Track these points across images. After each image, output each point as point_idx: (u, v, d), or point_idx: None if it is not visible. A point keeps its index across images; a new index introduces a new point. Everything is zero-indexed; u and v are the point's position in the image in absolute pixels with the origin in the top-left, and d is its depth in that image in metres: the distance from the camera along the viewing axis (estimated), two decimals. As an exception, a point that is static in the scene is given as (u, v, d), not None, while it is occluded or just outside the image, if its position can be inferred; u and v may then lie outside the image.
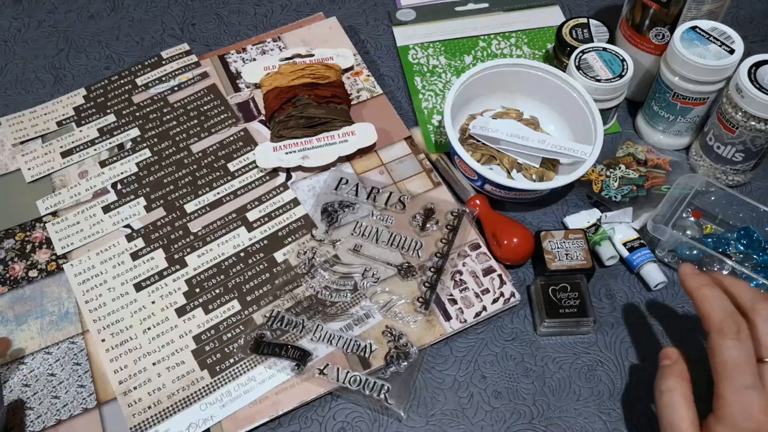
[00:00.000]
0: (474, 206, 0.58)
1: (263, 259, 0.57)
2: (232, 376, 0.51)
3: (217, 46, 0.73)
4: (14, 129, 0.66)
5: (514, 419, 0.50)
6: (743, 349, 0.40)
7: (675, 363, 0.44)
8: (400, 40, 0.72)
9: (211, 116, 0.66)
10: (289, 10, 0.76)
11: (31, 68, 0.72)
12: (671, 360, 0.44)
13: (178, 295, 0.55)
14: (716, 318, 0.41)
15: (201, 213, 0.60)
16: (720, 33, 0.56)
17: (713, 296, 0.42)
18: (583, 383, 0.51)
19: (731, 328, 0.40)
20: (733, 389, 0.39)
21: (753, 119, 0.54)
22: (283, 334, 0.52)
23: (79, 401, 0.51)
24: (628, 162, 0.61)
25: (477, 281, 0.55)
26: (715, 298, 0.42)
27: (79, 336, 0.54)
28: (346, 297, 0.54)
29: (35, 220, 0.60)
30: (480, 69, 0.61)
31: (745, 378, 0.39)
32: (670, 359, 0.44)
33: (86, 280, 0.56)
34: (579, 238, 0.55)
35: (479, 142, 0.61)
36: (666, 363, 0.44)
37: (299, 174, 0.62)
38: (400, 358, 0.51)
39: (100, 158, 0.64)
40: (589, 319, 0.52)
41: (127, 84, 0.69)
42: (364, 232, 0.57)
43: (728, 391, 0.39)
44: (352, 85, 0.67)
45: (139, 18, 0.76)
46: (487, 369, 0.52)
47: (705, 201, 0.58)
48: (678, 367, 0.44)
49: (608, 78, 0.59)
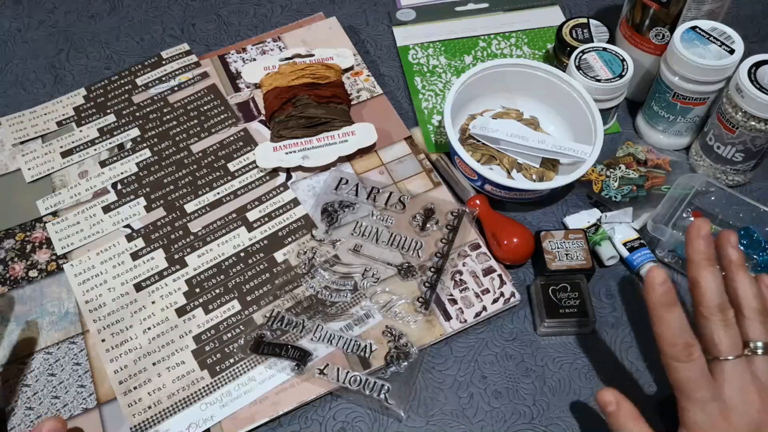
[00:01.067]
0: (474, 206, 0.58)
1: (263, 259, 0.57)
2: (232, 376, 0.51)
3: (217, 46, 0.73)
4: (14, 129, 0.66)
5: (514, 419, 0.50)
6: (695, 367, 0.41)
7: (620, 406, 0.43)
8: (400, 40, 0.72)
9: (211, 116, 0.66)
10: (289, 11, 0.76)
11: (31, 68, 0.72)
12: (614, 405, 0.43)
13: (178, 295, 0.55)
14: (668, 340, 0.41)
15: (201, 213, 0.60)
16: (720, 33, 0.56)
17: (670, 319, 0.42)
18: (583, 383, 0.51)
19: (682, 350, 0.41)
20: (693, 404, 0.41)
21: (753, 119, 0.54)
22: (283, 334, 0.52)
23: (79, 401, 0.51)
24: (628, 162, 0.61)
25: (477, 281, 0.55)
26: (671, 320, 0.41)
27: (79, 336, 0.54)
28: (346, 297, 0.54)
29: (35, 220, 0.60)
30: (480, 69, 0.61)
31: (701, 392, 0.41)
32: (612, 404, 0.43)
33: (86, 280, 0.56)
34: (579, 238, 0.55)
35: (479, 142, 0.61)
36: (611, 409, 0.43)
37: (299, 174, 0.62)
38: (400, 358, 0.51)
39: (100, 158, 0.64)
40: (589, 319, 0.52)
41: (127, 84, 0.69)
42: (364, 232, 0.57)
43: (689, 405, 0.41)
44: (352, 85, 0.67)
45: (139, 18, 0.76)
46: (487, 369, 0.52)
47: (705, 201, 0.58)
48: (625, 409, 0.43)
49: (608, 78, 0.59)
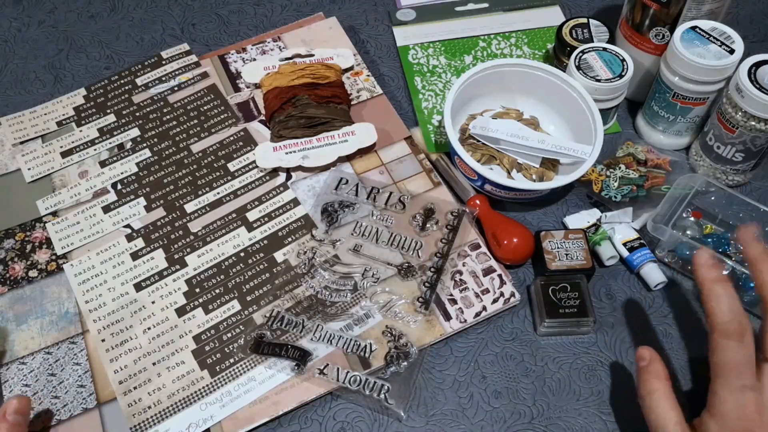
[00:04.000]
0: (474, 206, 0.58)
1: (263, 259, 0.57)
2: (232, 376, 0.51)
3: (217, 46, 0.73)
4: (14, 129, 0.66)
5: (514, 419, 0.50)
6: (745, 351, 0.40)
7: (651, 363, 0.44)
8: (400, 40, 0.72)
9: (211, 116, 0.66)
10: (289, 10, 0.76)
11: (31, 68, 0.72)
12: (646, 360, 0.44)
13: (178, 295, 0.55)
14: (722, 318, 0.41)
15: (201, 213, 0.60)
16: (720, 33, 0.56)
17: (723, 295, 0.41)
18: (583, 383, 0.51)
19: (736, 329, 0.40)
20: (730, 389, 0.40)
21: (753, 119, 0.54)
22: (283, 334, 0.52)
23: (79, 401, 0.51)
24: (628, 162, 0.61)
25: (477, 281, 0.55)
26: (724, 296, 0.41)
27: (79, 336, 0.54)
28: (346, 297, 0.54)
29: (35, 220, 0.60)
30: (480, 69, 0.61)
31: (742, 379, 0.40)
32: (644, 360, 0.44)
33: (86, 280, 0.56)
34: (579, 238, 0.55)
35: (479, 142, 0.61)
36: (642, 364, 0.45)
37: (299, 174, 0.62)
38: (400, 358, 0.51)
39: (100, 158, 0.64)
40: (589, 319, 0.52)
41: (127, 84, 0.69)
42: (364, 232, 0.57)
43: (724, 390, 0.40)
44: (352, 85, 0.67)
45: (139, 18, 0.76)
46: (487, 369, 0.52)
47: (705, 201, 0.58)
48: (654, 367, 0.44)
49: (608, 78, 0.59)
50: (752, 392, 0.39)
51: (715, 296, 0.41)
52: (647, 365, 0.44)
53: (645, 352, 0.45)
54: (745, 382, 0.40)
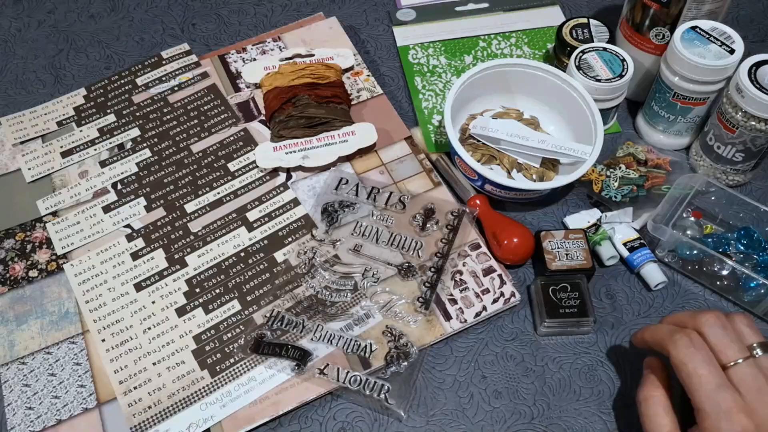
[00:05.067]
0: (474, 206, 0.58)
1: (263, 259, 0.57)
2: (232, 376, 0.51)
3: (217, 46, 0.73)
4: (14, 129, 0.66)
5: (514, 419, 0.50)
6: (701, 354, 0.41)
7: (654, 371, 0.46)
8: (400, 40, 0.72)
9: (211, 116, 0.66)
10: (289, 10, 0.76)
11: (31, 68, 0.72)
12: (650, 369, 0.46)
13: (178, 295, 0.55)
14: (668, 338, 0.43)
15: (201, 213, 0.60)
16: (720, 33, 0.56)
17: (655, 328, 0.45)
18: (583, 383, 0.51)
19: (682, 339, 0.42)
20: (706, 396, 0.40)
21: (753, 119, 0.54)
22: (283, 334, 0.52)
23: (79, 401, 0.51)
24: (628, 162, 0.61)
25: (477, 281, 0.55)
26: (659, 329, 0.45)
27: (79, 336, 0.54)
28: (346, 297, 0.54)
29: (35, 220, 0.60)
30: (480, 69, 0.61)
31: (712, 380, 0.40)
32: (649, 368, 0.46)
33: (86, 280, 0.56)
34: (579, 238, 0.55)
35: (479, 142, 0.61)
36: (646, 372, 0.46)
37: (299, 174, 0.62)
38: (400, 358, 0.51)
39: (100, 158, 0.64)
40: (589, 319, 0.52)
41: (127, 84, 0.69)
42: (364, 232, 0.57)
43: (702, 400, 0.40)
44: (352, 85, 0.67)
45: (139, 18, 0.76)
46: (487, 369, 0.52)
47: (705, 201, 0.58)
48: (654, 376, 0.45)
49: (608, 78, 0.59)
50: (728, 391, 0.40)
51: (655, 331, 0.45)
52: (650, 373, 0.46)
53: (652, 361, 0.47)
54: (718, 381, 0.40)
